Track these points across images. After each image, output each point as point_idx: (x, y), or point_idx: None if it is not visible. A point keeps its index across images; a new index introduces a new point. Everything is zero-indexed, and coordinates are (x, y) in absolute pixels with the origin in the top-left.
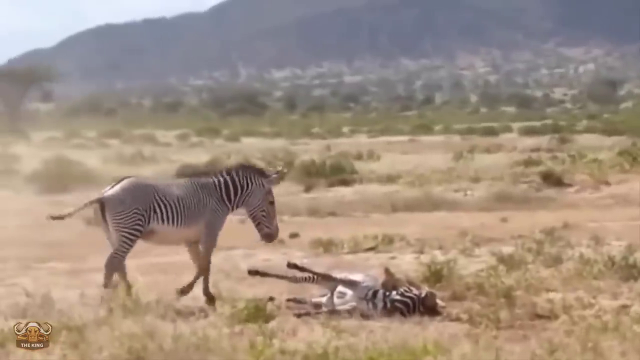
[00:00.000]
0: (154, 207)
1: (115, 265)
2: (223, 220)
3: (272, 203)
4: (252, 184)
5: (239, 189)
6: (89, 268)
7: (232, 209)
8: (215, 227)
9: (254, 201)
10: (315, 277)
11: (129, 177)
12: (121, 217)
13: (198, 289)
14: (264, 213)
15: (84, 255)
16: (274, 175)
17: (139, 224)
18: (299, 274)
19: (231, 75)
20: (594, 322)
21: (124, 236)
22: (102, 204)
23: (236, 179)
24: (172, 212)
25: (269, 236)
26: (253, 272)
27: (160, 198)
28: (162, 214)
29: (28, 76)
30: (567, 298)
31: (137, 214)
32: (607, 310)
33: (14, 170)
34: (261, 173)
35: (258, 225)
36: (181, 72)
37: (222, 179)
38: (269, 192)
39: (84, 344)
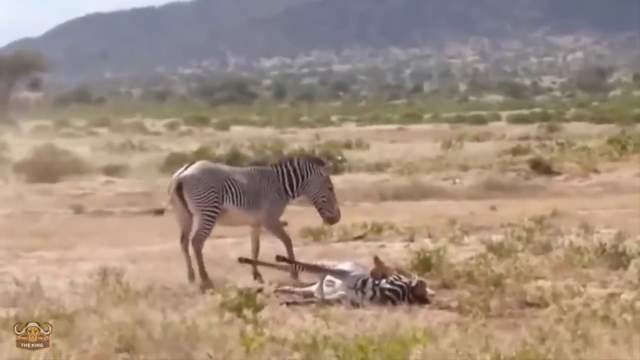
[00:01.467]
0: (226, 187)
1: (200, 243)
2: (283, 208)
3: (331, 189)
4: (311, 173)
5: (300, 178)
6: (77, 257)
7: (294, 197)
8: (275, 214)
9: (314, 189)
10: (304, 267)
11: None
12: (201, 195)
13: (185, 277)
14: (324, 199)
15: (73, 244)
16: (330, 164)
17: (216, 202)
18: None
19: (220, 64)
20: (584, 310)
21: (205, 214)
22: (179, 185)
23: (297, 169)
24: (241, 195)
25: (332, 219)
26: (243, 260)
27: (231, 180)
28: (232, 195)
29: (16, 64)
30: (557, 286)
31: (214, 192)
32: (597, 299)
33: (3, 159)
34: (319, 162)
35: (320, 210)
36: (170, 61)
37: (284, 169)
38: (327, 180)
39: (74, 333)
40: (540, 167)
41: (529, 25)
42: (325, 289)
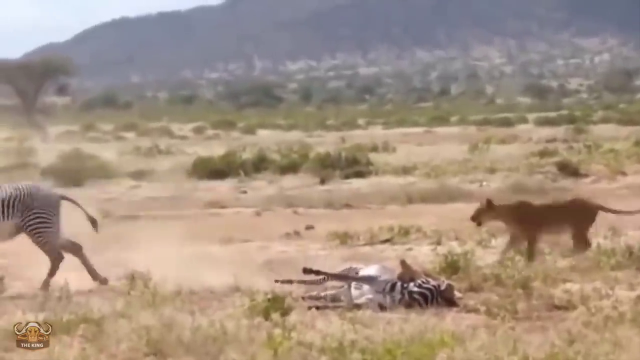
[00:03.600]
0: None
1: None
2: None
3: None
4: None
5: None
6: (105, 261)
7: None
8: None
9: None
10: (333, 277)
11: None
12: None
13: (213, 281)
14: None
15: (100, 248)
16: None
17: None
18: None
19: (246, 68)
20: (612, 313)
21: None
22: None
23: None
24: None
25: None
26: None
27: None
28: None
29: (44, 69)
30: (585, 289)
31: None
32: (625, 301)
33: (31, 163)
34: None
35: None
36: (196, 65)
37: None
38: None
39: (102, 337)
40: (568, 170)
41: (555, 27)
42: (354, 292)
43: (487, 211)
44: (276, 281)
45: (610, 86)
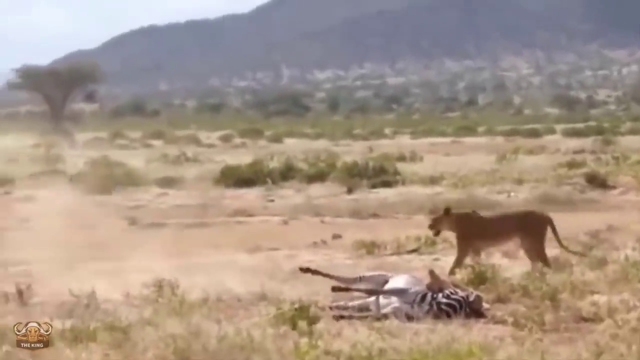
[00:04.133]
0: None
1: None
2: None
3: None
4: None
5: None
6: (132, 268)
7: None
8: None
9: None
10: (363, 292)
11: None
12: None
13: (240, 289)
14: None
15: (128, 255)
16: None
17: None
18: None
19: (274, 76)
20: (639, 325)
21: None
22: None
23: None
24: None
25: None
26: (304, 270)
27: None
28: None
29: (72, 76)
30: (613, 301)
31: None
32: None
33: (58, 170)
34: None
35: None
36: (224, 73)
37: None
38: None
39: (129, 345)
40: (596, 181)
41: (584, 38)
42: (381, 301)
43: (443, 220)
44: (301, 269)
45: (639, 97)
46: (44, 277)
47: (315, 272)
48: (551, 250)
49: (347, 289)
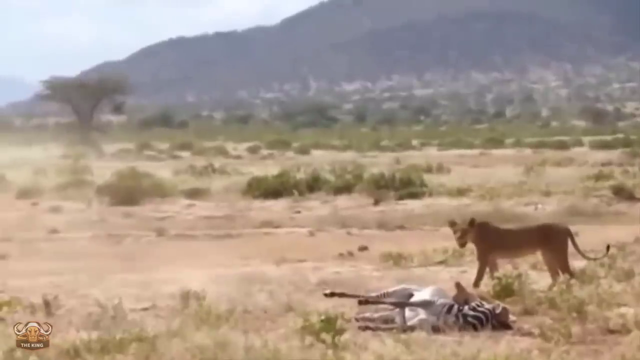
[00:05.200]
0: None
1: None
2: None
3: None
4: None
5: None
6: (159, 279)
7: None
8: None
9: None
10: (390, 304)
11: None
12: None
13: (267, 300)
14: None
15: (155, 266)
16: None
17: None
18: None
19: (302, 88)
20: None
21: None
22: None
23: None
24: None
25: None
26: (329, 295)
27: None
28: None
29: (100, 88)
30: (639, 313)
31: None
32: None
33: (86, 181)
34: None
35: None
36: (252, 85)
37: None
38: None
39: (155, 356)
40: (623, 193)
41: (612, 50)
42: (407, 313)
43: (467, 231)
44: (325, 295)
45: None
46: (71, 288)
47: (341, 295)
48: (579, 262)
49: (373, 302)
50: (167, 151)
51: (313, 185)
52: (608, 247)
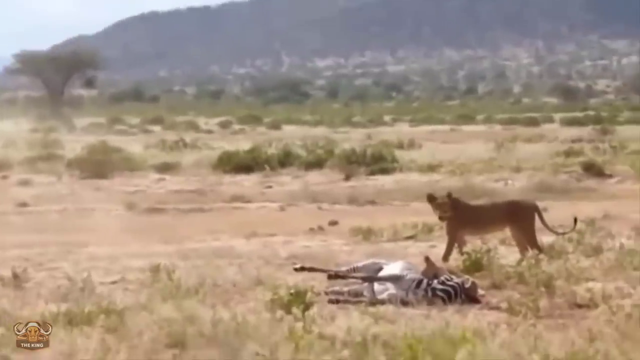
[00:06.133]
0: None
1: None
2: None
3: None
4: None
5: None
6: (129, 253)
7: None
8: None
9: None
10: (359, 279)
11: None
12: None
13: (236, 274)
14: None
15: (124, 240)
16: None
17: None
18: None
19: (274, 63)
20: (634, 312)
21: None
22: None
23: None
24: None
25: None
26: (299, 269)
27: None
28: None
29: (71, 62)
30: (607, 288)
31: None
32: None
33: (57, 155)
34: None
35: None
36: (224, 60)
37: None
38: None
39: (124, 328)
40: (593, 170)
41: (584, 28)
42: (376, 287)
43: (447, 204)
44: (295, 269)
45: (638, 88)
46: (41, 261)
47: (310, 270)
48: (548, 238)
49: (343, 277)
50: (138, 125)
51: (284, 160)
52: (575, 221)
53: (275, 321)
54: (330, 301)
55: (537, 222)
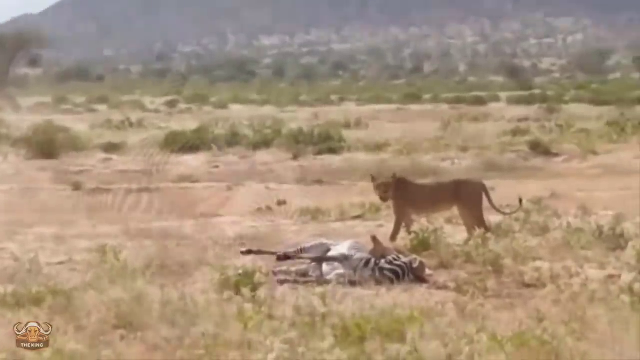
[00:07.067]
0: None
1: None
2: None
3: None
4: None
5: None
6: (76, 233)
7: None
8: None
9: None
10: (308, 260)
11: None
12: None
13: (183, 255)
14: None
15: (71, 220)
16: None
17: None
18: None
19: (220, 42)
20: (581, 291)
21: None
22: None
23: None
24: None
25: None
26: (246, 252)
27: None
28: None
29: (16, 41)
30: (555, 267)
31: None
32: (595, 280)
33: (2, 135)
34: None
35: None
36: (170, 38)
37: None
38: None
39: (71, 309)
40: (539, 149)
41: (529, 6)
42: (325, 267)
43: (390, 185)
44: (242, 252)
45: (583, 66)
46: None
47: (257, 253)
48: (495, 217)
49: (292, 257)
50: (84, 105)
51: (231, 140)
52: (521, 201)
53: (223, 301)
54: (279, 281)
55: (485, 202)
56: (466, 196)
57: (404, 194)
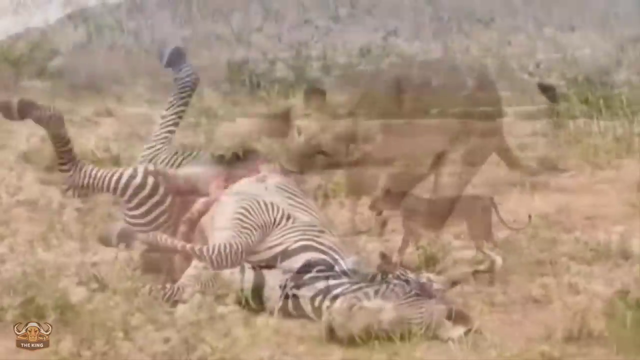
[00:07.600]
0: None
1: None
2: None
3: None
4: None
5: None
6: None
7: None
8: None
9: None
10: None
11: None
12: None
13: None
14: None
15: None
16: None
17: None
18: None
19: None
20: (588, 308)
21: None
22: None
23: None
24: None
25: None
26: None
27: None
28: None
29: (24, 53)
30: (562, 283)
31: None
32: (602, 296)
33: (10, 146)
34: None
35: None
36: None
37: None
38: None
39: None
40: (547, 163)
41: (538, 20)
42: (330, 282)
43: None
44: None
45: (591, 81)
46: None
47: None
48: (502, 232)
49: None
50: (91, 117)
51: None
52: (530, 217)
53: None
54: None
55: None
56: (475, 211)
57: (412, 208)
